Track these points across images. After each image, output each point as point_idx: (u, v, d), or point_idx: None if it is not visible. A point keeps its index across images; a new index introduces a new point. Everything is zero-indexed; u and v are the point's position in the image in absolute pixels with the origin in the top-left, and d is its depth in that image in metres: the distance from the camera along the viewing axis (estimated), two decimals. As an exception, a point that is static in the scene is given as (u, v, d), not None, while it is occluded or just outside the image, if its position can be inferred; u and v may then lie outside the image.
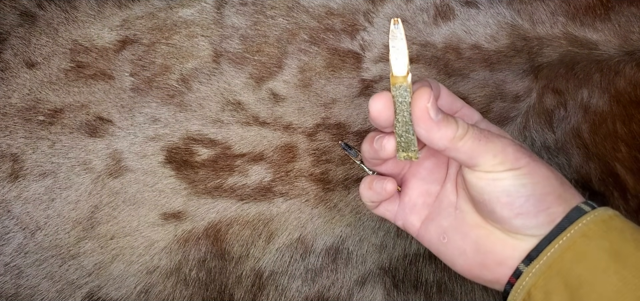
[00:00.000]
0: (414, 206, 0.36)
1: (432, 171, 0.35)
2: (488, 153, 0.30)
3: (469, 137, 0.30)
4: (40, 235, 0.47)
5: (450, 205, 0.34)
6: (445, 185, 0.35)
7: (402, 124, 0.31)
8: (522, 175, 0.30)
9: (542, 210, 0.30)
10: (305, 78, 0.48)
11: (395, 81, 0.30)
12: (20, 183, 0.47)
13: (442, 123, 0.29)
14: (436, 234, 0.34)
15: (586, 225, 0.29)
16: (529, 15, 0.47)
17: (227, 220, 0.48)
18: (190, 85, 0.48)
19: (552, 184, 0.30)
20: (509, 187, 0.30)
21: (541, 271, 0.29)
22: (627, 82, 0.45)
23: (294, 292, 0.49)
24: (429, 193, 0.35)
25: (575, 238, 0.29)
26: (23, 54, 0.48)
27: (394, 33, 0.30)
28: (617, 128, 0.46)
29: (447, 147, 0.30)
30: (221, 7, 0.49)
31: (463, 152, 0.30)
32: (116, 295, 0.47)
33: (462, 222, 0.33)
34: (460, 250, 0.33)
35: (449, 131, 0.29)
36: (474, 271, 0.33)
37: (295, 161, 0.48)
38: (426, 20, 0.48)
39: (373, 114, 0.31)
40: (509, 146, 0.30)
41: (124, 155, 0.47)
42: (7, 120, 0.47)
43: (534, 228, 0.30)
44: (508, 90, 0.48)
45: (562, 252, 0.29)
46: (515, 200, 0.30)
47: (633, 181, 0.46)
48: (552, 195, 0.30)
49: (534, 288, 0.29)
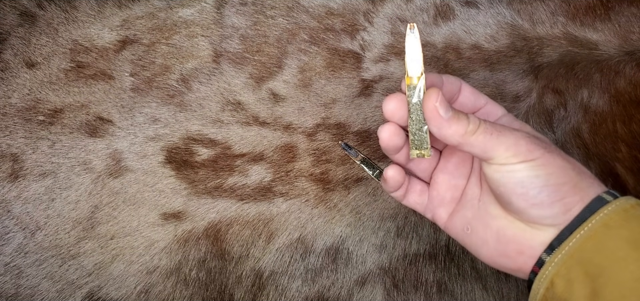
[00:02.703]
0: (442, 199, 0.37)
1: (458, 166, 0.37)
2: (501, 147, 0.31)
3: (481, 132, 0.31)
4: (40, 235, 0.47)
5: (475, 197, 0.36)
6: (471, 179, 0.36)
7: (415, 123, 0.33)
8: (536, 166, 0.30)
9: (556, 200, 0.30)
10: (305, 78, 0.48)
11: (409, 82, 0.32)
12: (20, 183, 0.47)
13: (452, 120, 0.31)
14: (461, 225, 0.36)
15: (607, 215, 0.30)
16: (529, 15, 0.47)
17: (227, 220, 0.48)
18: (190, 85, 0.48)
19: (567, 174, 0.31)
20: (523, 178, 0.30)
21: (563, 261, 0.30)
22: (627, 82, 0.45)
23: (294, 292, 0.49)
24: (456, 187, 0.37)
25: (596, 228, 0.29)
26: (23, 54, 0.48)
27: (410, 37, 0.32)
28: (617, 128, 0.46)
29: (459, 142, 0.31)
30: (221, 7, 0.49)
31: (476, 146, 0.31)
32: (116, 295, 0.47)
33: (485, 213, 0.34)
34: (483, 240, 0.34)
35: (460, 127, 0.31)
36: (497, 260, 0.34)
37: (295, 161, 0.48)
38: (426, 20, 0.48)
39: (386, 114, 0.33)
40: (522, 139, 0.31)
41: (124, 155, 0.47)
42: (7, 120, 0.47)
43: (551, 217, 0.31)
44: (508, 90, 0.48)
45: (584, 242, 0.30)
46: (529, 190, 0.30)
47: (633, 181, 0.46)
48: (567, 185, 0.31)
49: (556, 277, 0.30)
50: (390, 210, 0.49)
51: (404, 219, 0.49)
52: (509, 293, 0.50)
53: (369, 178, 0.48)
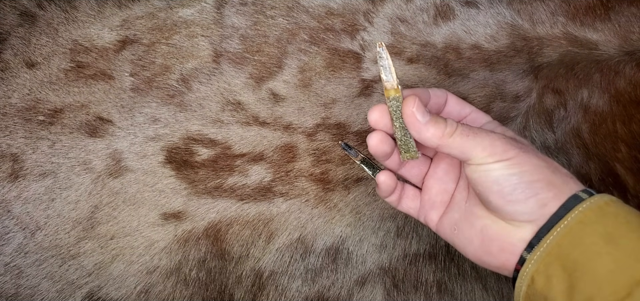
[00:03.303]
0: (433, 203, 0.39)
1: (447, 171, 0.39)
2: (477, 147, 0.33)
3: (458, 134, 0.33)
4: (40, 235, 0.47)
5: (462, 200, 0.38)
6: (459, 183, 0.39)
7: (399, 129, 0.36)
8: (510, 165, 0.32)
9: (531, 196, 0.32)
10: (305, 78, 0.48)
11: (388, 94, 0.35)
12: (20, 183, 0.47)
13: (430, 123, 0.34)
14: (449, 226, 0.38)
15: (582, 212, 0.31)
16: (529, 15, 0.47)
17: (227, 220, 0.48)
18: (190, 85, 0.48)
19: (541, 172, 0.33)
20: (498, 177, 0.32)
21: (542, 258, 0.32)
22: (627, 82, 0.46)
23: (294, 292, 0.49)
24: (446, 191, 0.39)
25: (572, 225, 0.31)
26: (23, 54, 0.48)
27: (381, 54, 0.34)
28: (617, 128, 0.46)
29: (438, 144, 0.34)
30: (221, 7, 0.49)
31: (454, 148, 0.33)
32: (116, 295, 0.47)
33: (470, 214, 0.36)
34: (469, 239, 0.36)
35: (438, 130, 0.33)
36: (482, 258, 0.36)
37: (295, 161, 0.48)
38: (426, 20, 0.48)
39: (371, 124, 0.36)
40: (497, 139, 0.33)
41: (124, 155, 0.47)
42: (7, 120, 0.47)
43: (526, 213, 0.32)
44: (508, 90, 0.48)
45: (560, 239, 0.31)
46: (504, 188, 0.32)
47: (633, 181, 0.46)
48: (541, 182, 0.32)
49: (536, 274, 0.32)
50: (390, 210, 0.49)
51: (403, 219, 0.49)
52: (509, 293, 0.51)
53: (369, 178, 0.48)
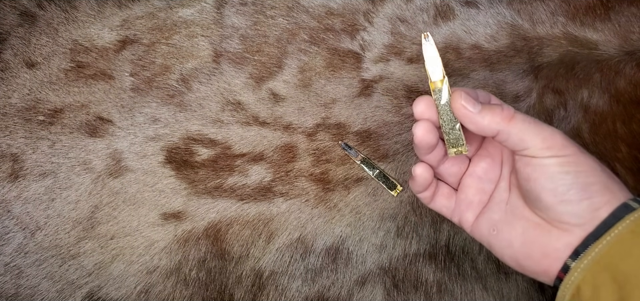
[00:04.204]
0: (470, 203, 0.38)
1: (487, 171, 0.38)
2: (537, 137, 0.31)
3: (519, 119, 0.32)
4: (40, 235, 0.47)
5: (502, 201, 0.36)
6: (499, 184, 0.37)
7: (447, 123, 0.34)
8: (567, 162, 0.31)
9: (585, 199, 0.31)
10: (305, 78, 0.48)
11: (433, 86, 0.34)
12: (20, 183, 0.47)
13: (485, 111, 0.32)
14: (487, 227, 0.36)
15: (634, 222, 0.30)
16: (529, 15, 0.47)
17: (227, 220, 0.48)
18: (190, 85, 0.48)
19: (597, 175, 0.31)
20: (553, 173, 0.31)
21: (589, 267, 0.30)
22: (627, 82, 0.45)
23: (294, 292, 0.49)
24: (484, 192, 0.38)
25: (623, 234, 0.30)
26: (23, 54, 0.48)
27: (426, 45, 0.34)
28: (617, 128, 0.46)
29: (498, 129, 0.32)
30: (221, 7, 0.49)
31: (514, 134, 0.32)
32: (116, 295, 0.47)
33: (511, 215, 0.35)
34: (508, 241, 0.35)
35: (495, 115, 0.32)
36: (522, 263, 0.34)
37: (295, 161, 0.48)
38: (426, 20, 0.48)
39: (417, 115, 0.34)
40: (558, 134, 0.32)
41: (124, 155, 0.47)
42: (7, 120, 0.47)
43: (577, 216, 0.31)
44: (508, 90, 0.48)
45: (610, 248, 0.30)
46: (558, 186, 0.31)
47: (633, 181, 0.46)
48: (597, 185, 0.31)
49: (583, 283, 0.30)
50: (390, 210, 0.49)
51: (404, 219, 0.49)
52: (509, 293, 0.50)
53: (369, 178, 0.48)
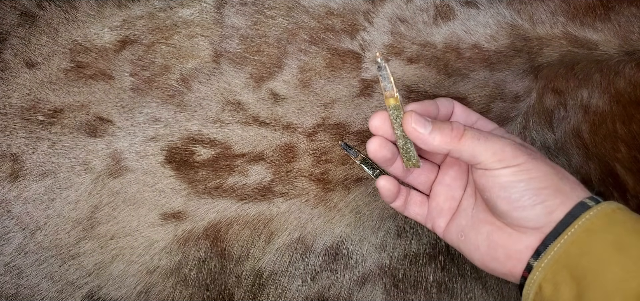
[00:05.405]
0: (441, 210, 0.39)
1: (455, 179, 0.39)
2: (488, 151, 0.33)
3: (469, 137, 0.33)
4: (40, 235, 0.47)
5: (469, 207, 0.38)
6: (467, 190, 0.39)
7: (401, 139, 0.36)
8: (518, 171, 0.32)
9: (538, 203, 0.32)
10: (305, 78, 0.48)
11: (388, 103, 0.35)
12: (20, 183, 0.47)
13: (435, 131, 0.34)
14: (456, 233, 0.38)
15: (589, 220, 0.31)
16: (529, 15, 0.47)
17: (227, 220, 0.48)
18: (190, 85, 0.48)
19: (549, 179, 0.32)
20: (506, 183, 0.32)
21: (549, 265, 0.32)
22: (627, 82, 0.46)
23: (294, 292, 0.49)
24: (454, 198, 0.39)
25: (579, 233, 0.31)
26: (23, 54, 0.48)
27: (380, 65, 0.34)
28: (617, 128, 0.46)
29: (449, 148, 0.33)
30: (221, 7, 0.49)
31: (465, 151, 0.33)
32: (116, 295, 0.47)
33: (477, 220, 0.37)
34: (475, 245, 0.36)
35: (445, 135, 0.33)
36: (489, 265, 0.36)
37: (295, 161, 0.48)
38: (426, 20, 0.48)
39: (372, 130, 0.36)
40: (507, 145, 0.33)
41: (124, 155, 0.47)
42: (7, 120, 0.47)
43: (533, 220, 0.32)
44: (508, 90, 0.48)
45: (568, 246, 0.31)
46: (511, 194, 0.32)
47: (633, 181, 0.46)
48: (549, 189, 0.32)
49: (544, 281, 0.32)
50: (390, 210, 0.49)
51: (404, 219, 0.49)
52: (509, 293, 0.51)
53: (369, 178, 0.48)
